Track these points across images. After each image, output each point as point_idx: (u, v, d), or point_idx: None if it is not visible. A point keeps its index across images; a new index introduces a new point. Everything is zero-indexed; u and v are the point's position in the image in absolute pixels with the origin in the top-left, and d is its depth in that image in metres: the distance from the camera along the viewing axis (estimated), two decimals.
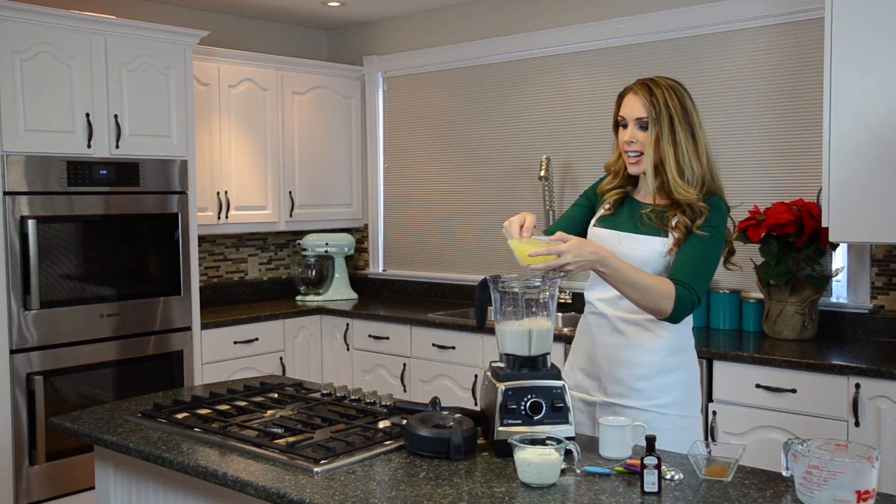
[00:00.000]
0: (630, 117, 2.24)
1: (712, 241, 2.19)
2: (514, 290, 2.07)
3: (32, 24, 3.67)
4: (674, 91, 2.23)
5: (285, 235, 5.49)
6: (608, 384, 2.29)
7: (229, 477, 1.89)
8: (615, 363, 2.28)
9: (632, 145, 2.24)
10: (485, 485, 1.80)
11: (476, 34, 4.91)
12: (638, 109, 2.22)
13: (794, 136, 3.80)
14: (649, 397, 2.24)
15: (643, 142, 2.23)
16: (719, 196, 2.25)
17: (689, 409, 2.29)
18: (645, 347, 2.25)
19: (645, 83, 2.25)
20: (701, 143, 2.23)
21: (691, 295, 2.12)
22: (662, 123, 2.19)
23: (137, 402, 2.59)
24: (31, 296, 3.66)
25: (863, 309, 3.65)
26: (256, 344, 4.58)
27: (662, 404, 2.24)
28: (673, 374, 2.26)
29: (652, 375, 2.24)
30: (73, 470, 3.81)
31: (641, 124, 2.23)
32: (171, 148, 4.17)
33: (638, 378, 2.24)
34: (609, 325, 2.29)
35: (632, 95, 2.25)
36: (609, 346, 2.29)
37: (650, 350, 2.25)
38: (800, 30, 3.77)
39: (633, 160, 2.26)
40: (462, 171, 5.02)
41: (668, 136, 2.19)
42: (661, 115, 2.19)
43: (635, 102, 2.23)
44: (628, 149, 2.25)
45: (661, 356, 2.25)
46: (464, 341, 4.20)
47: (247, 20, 5.27)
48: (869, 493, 1.57)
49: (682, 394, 2.27)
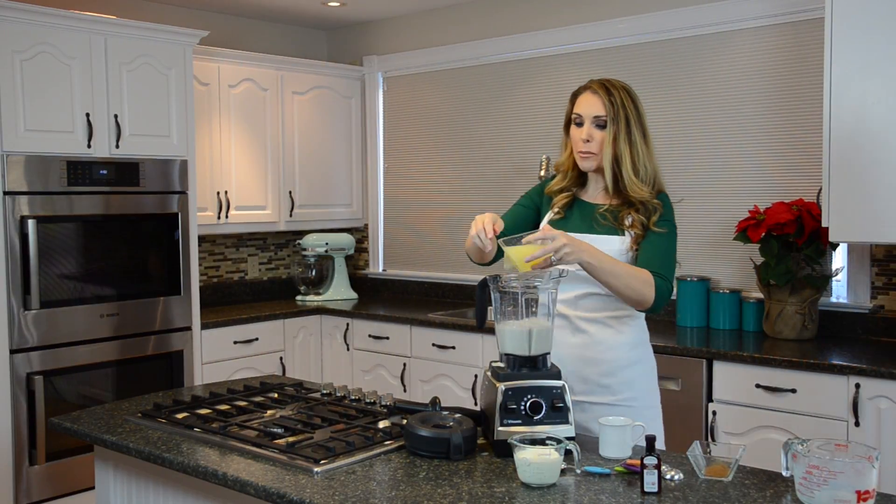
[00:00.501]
0: (588, 115, 2.29)
1: (671, 235, 2.29)
2: (514, 289, 2.07)
3: (32, 24, 3.67)
4: (628, 93, 2.30)
5: (285, 235, 5.49)
6: (575, 383, 2.30)
7: (229, 477, 1.89)
8: (580, 362, 2.30)
9: (588, 143, 2.28)
10: (485, 485, 1.80)
11: (475, 34, 4.91)
12: (597, 108, 2.27)
13: (793, 136, 3.80)
14: (616, 392, 2.29)
15: (599, 140, 2.28)
16: (664, 193, 2.34)
17: (652, 399, 2.38)
18: (608, 344, 2.30)
19: (602, 83, 2.30)
20: (651, 144, 2.32)
21: (666, 283, 2.21)
22: (619, 123, 2.26)
23: (137, 402, 2.59)
24: (31, 296, 3.66)
25: (863, 309, 3.65)
26: (256, 344, 4.58)
27: (629, 398, 2.30)
28: (635, 368, 2.32)
29: (616, 371, 2.30)
30: (73, 470, 3.81)
31: (599, 122, 2.27)
32: (171, 148, 4.17)
33: (603, 374, 2.28)
34: (570, 325, 2.32)
35: (590, 94, 2.30)
36: (573, 346, 2.31)
37: (613, 346, 2.30)
38: (800, 30, 3.77)
39: (588, 157, 2.30)
40: (462, 171, 5.02)
41: (624, 136, 2.26)
42: (619, 115, 2.26)
43: (594, 101, 2.28)
44: (584, 147, 2.29)
45: (624, 351, 2.31)
46: (464, 341, 4.20)
47: (247, 20, 5.27)
48: (869, 493, 1.57)
49: (645, 386, 2.35)
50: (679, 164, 4.13)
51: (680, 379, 3.46)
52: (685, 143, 4.12)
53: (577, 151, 2.32)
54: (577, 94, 2.35)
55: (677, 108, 4.13)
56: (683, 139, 4.12)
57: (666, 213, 2.30)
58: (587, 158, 2.30)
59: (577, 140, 2.32)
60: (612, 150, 2.27)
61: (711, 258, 4.04)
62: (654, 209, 2.27)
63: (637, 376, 2.33)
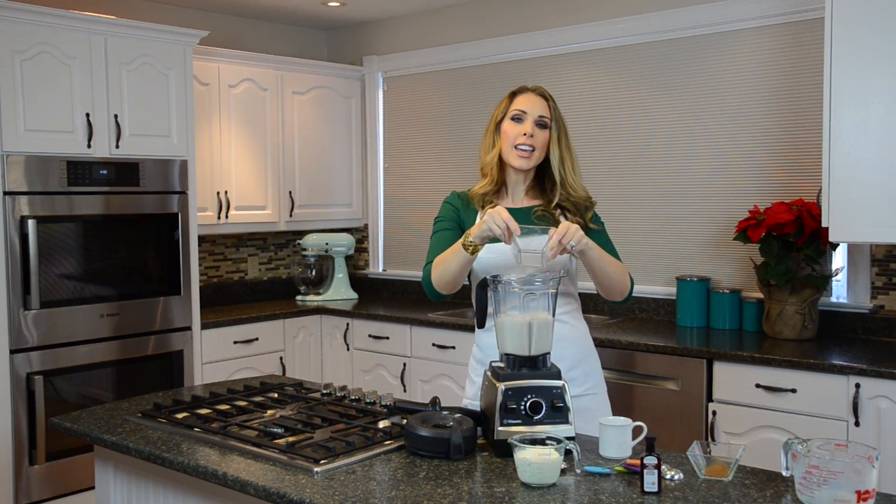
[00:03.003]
0: (532, 113, 2.37)
1: (605, 231, 2.44)
2: (513, 289, 2.07)
3: (32, 24, 3.67)
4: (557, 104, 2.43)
5: (285, 235, 5.49)
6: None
7: (229, 477, 1.89)
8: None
9: (530, 138, 2.35)
10: (485, 485, 1.80)
11: (476, 34, 4.91)
12: (542, 108, 2.38)
13: (794, 136, 3.80)
14: (580, 383, 2.40)
15: (542, 139, 2.37)
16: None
17: (603, 385, 2.49)
18: (568, 339, 2.38)
19: (542, 89, 2.43)
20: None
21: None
22: (561, 129, 2.39)
23: (137, 402, 2.59)
24: (31, 296, 3.66)
25: (863, 309, 3.65)
26: (256, 344, 4.58)
27: (591, 386, 2.43)
28: (590, 358, 2.46)
29: (577, 364, 2.41)
30: (73, 470, 3.81)
31: (541, 122, 2.37)
32: (171, 148, 4.17)
33: (568, 369, 2.32)
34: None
35: (532, 95, 2.40)
36: None
37: (572, 341, 2.40)
38: (800, 30, 3.77)
39: (526, 154, 2.36)
40: (462, 171, 5.01)
41: (565, 141, 2.40)
42: (559, 121, 2.40)
43: (538, 101, 2.39)
44: (525, 141, 2.35)
45: (581, 344, 2.44)
46: (464, 341, 4.20)
47: (247, 20, 5.27)
48: (869, 493, 1.57)
49: (598, 373, 2.48)
50: (679, 164, 4.13)
51: (680, 379, 3.46)
52: (685, 144, 4.12)
53: (516, 145, 2.36)
54: (515, 94, 2.43)
55: (677, 108, 4.13)
56: (683, 139, 4.12)
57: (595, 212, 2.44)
58: (525, 155, 2.36)
59: (515, 135, 2.36)
60: (559, 151, 2.38)
61: (711, 258, 4.04)
62: (587, 208, 2.41)
63: (592, 365, 2.45)
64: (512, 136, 2.37)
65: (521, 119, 2.37)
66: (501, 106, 2.44)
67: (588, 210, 2.41)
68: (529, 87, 2.45)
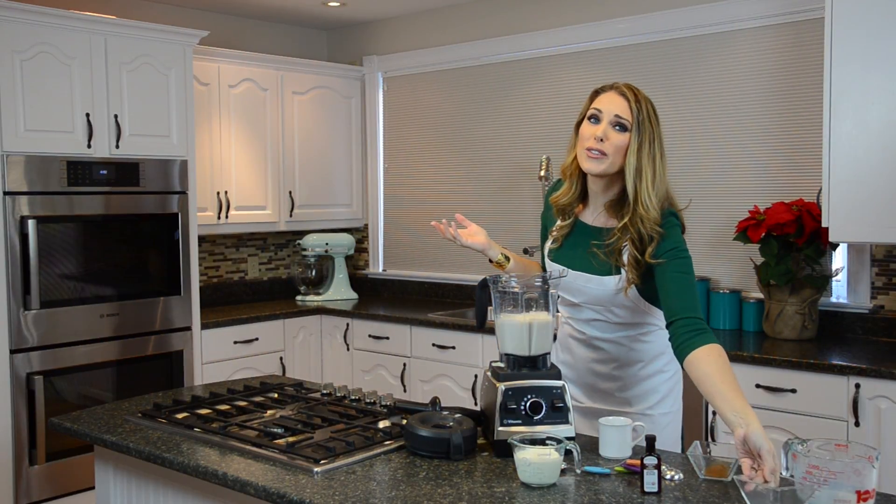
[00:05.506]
0: (608, 112, 2.09)
1: (684, 263, 2.08)
2: (514, 289, 2.07)
3: (32, 24, 3.67)
4: (653, 108, 2.13)
5: (285, 235, 5.49)
6: (591, 393, 2.31)
7: (229, 477, 1.89)
8: (593, 375, 2.30)
9: (601, 142, 2.08)
10: (485, 485, 1.80)
11: (476, 34, 4.91)
12: (621, 108, 2.08)
13: (794, 136, 3.80)
14: (633, 404, 2.27)
15: (615, 143, 2.07)
16: (671, 209, 2.14)
17: (671, 405, 2.30)
18: (620, 362, 2.25)
19: (631, 87, 2.13)
20: (666, 166, 2.13)
21: (704, 321, 2.06)
22: (644, 135, 2.07)
23: (137, 402, 2.59)
24: (31, 296, 3.66)
25: (863, 309, 3.65)
26: (256, 344, 4.58)
27: (646, 407, 2.26)
28: (652, 380, 2.26)
29: (631, 386, 2.26)
30: (73, 470, 3.80)
31: (619, 124, 2.08)
32: (171, 148, 4.17)
33: (618, 390, 2.27)
34: (586, 340, 2.30)
35: (615, 94, 2.11)
36: (586, 360, 2.31)
37: (626, 364, 2.25)
38: (800, 30, 3.77)
39: (596, 157, 2.09)
40: (462, 171, 5.02)
41: (648, 149, 2.07)
42: (644, 126, 2.08)
43: (619, 101, 2.09)
44: (595, 145, 2.08)
45: (636, 369, 2.25)
46: (464, 341, 4.20)
47: (247, 20, 5.27)
48: (869, 493, 1.57)
49: (663, 394, 2.28)
50: (679, 164, 4.12)
51: None
52: (685, 144, 4.11)
53: (585, 148, 2.10)
54: (598, 92, 2.15)
55: (677, 108, 4.13)
56: (683, 139, 4.12)
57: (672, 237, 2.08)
58: (595, 159, 2.09)
59: (587, 136, 2.10)
60: (636, 160, 2.06)
61: (711, 258, 4.03)
62: (651, 238, 2.06)
63: (654, 387, 2.25)
64: (585, 138, 2.11)
65: (597, 119, 2.10)
66: (585, 104, 2.17)
67: (651, 241, 2.06)
68: (618, 83, 2.14)
